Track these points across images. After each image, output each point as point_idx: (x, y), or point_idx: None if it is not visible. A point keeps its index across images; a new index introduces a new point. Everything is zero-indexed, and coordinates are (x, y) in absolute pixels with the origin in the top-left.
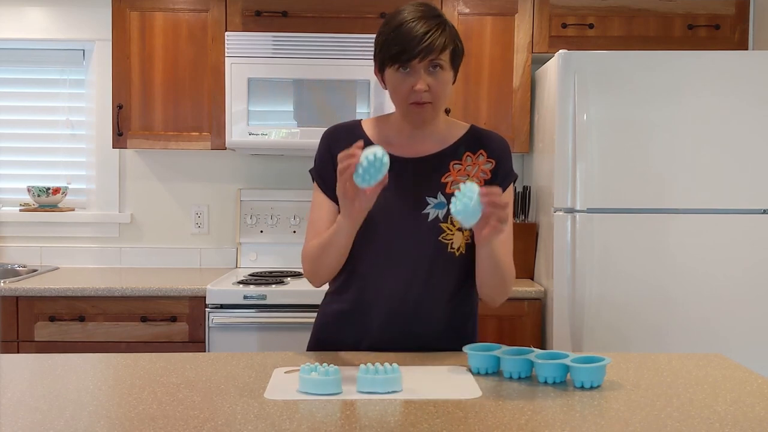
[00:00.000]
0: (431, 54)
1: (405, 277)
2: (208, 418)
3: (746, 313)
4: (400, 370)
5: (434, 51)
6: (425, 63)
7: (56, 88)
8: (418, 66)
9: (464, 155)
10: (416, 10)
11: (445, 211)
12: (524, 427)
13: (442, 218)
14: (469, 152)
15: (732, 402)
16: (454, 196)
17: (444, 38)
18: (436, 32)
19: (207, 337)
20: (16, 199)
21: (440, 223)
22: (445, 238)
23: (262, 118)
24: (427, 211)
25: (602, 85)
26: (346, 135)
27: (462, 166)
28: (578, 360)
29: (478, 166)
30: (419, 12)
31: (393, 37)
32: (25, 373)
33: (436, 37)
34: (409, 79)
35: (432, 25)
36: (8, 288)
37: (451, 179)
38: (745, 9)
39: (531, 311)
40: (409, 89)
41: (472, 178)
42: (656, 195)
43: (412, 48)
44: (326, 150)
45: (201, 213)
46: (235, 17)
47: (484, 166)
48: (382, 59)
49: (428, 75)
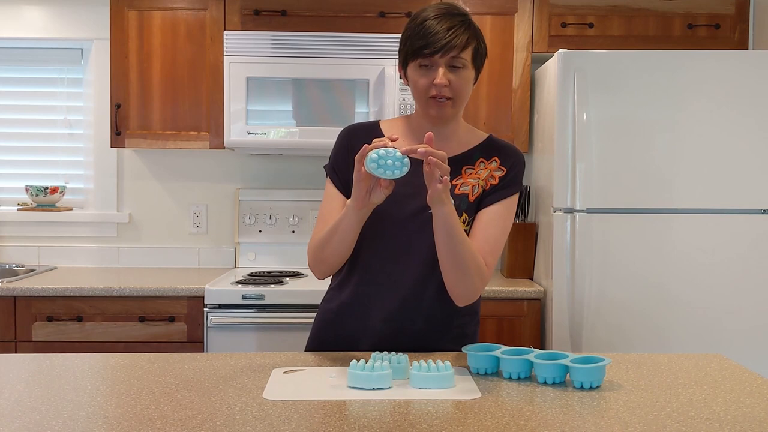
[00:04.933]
0: (453, 50)
1: (408, 273)
2: (207, 418)
3: (746, 313)
4: (452, 368)
5: (456, 47)
6: (447, 59)
7: (54, 87)
8: (439, 61)
9: (478, 161)
10: (442, 8)
11: None
12: (524, 428)
13: None
14: (482, 158)
15: (732, 402)
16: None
17: (467, 36)
18: (459, 29)
19: (205, 337)
20: (14, 199)
21: None
22: None
23: (260, 117)
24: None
25: (602, 84)
26: (364, 134)
27: (474, 170)
28: (578, 360)
29: (489, 171)
30: (444, 10)
31: (416, 32)
32: (23, 373)
33: (459, 33)
34: (430, 73)
35: (455, 23)
36: (6, 288)
37: (461, 181)
38: (745, 9)
39: (530, 311)
40: (430, 83)
41: (482, 181)
42: (656, 195)
43: (435, 42)
44: (343, 147)
45: (199, 213)
46: (234, 16)
47: (495, 172)
48: (405, 54)
49: (449, 71)
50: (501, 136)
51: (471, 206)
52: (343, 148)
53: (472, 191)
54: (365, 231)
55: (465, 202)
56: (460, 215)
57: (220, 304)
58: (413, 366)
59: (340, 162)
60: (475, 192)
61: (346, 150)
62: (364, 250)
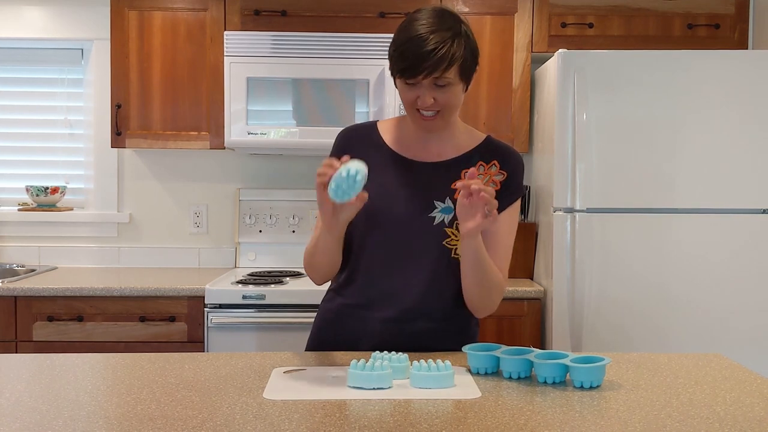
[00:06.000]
0: (436, 71)
1: (408, 276)
2: (207, 418)
3: (746, 313)
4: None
5: (439, 69)
6: (431, 79)
7: (55, 87)
8: (423, 82)
9: (477, 164)
10: (430, 22)
11: (451, 216)
12: (524, 427)
13: (448, 223)
14: (482, 161)
15: (732, 402)
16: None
17: (452, 54)
18: (442, 49)
19: (206, 337)
20: (15, 199)
21: (445, 228)
22: (450, 243)
23: (261, 117)
24: (434, 215)
25: (602, 84)
26: (361, 136)
27: None
28: (578, 360)
29: (489, 176)
30: (433, 25)
31: (402, 51)
32: (24, 373)
33: (443, 54)
34: (415, 90)
35: (441, 41)
36: (6, 288)
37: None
38: (744, 8)
39: (531, 311)
40: (415, 99)
41: None
42: (656, 195)
43: (417, 65)
44: (338, 150)
45: (200, 213)
46: (234, 16)
47: (495, 177)
48: (392, 68)
49: (435, 89)
50: (501, 136)
51: None
52: (340, 150)
53: None
54: (365, 234)
55: None
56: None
57: (221, 304)
58: (413, 366)
59: None
60: None
61: (343, 152)
62: (365, 252)
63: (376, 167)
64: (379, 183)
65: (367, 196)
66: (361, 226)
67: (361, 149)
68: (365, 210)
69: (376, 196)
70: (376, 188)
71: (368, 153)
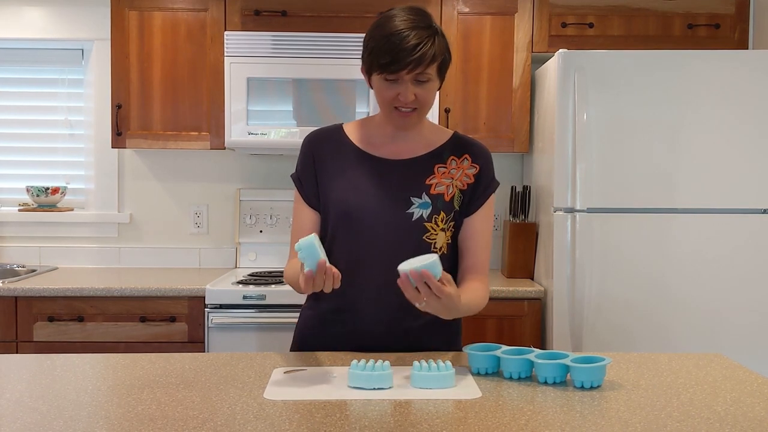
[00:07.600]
0: (420, 67)
1: (391, 275)
2: (208, 418)
3: (746, 313)
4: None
5: (423, 65)
6: (413, 75)
7: (55, 87)
8: (405, 77)
9: (449, 158)
10: (408, 19)
11: (429, 211)
12: (524, 428)
13: (426, 218)
14: (453, 156)
15: (732, 402)
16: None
17: (434, 51)
18: (426, 45)
19: (206, 337)
20: (15, 199)
21: (424, 223)
22: (429, 237)
23: (261, 117)
24: (411, 211)
25: (602, 84)
26: (328, 139)
27: (446, 169)
28: (578, 360)
29: (462, 170)
30: (411, 22)
31: (383, 46)
32: (24, 373)
33: (426, 50)
34: (395, 86)
35: (423, 37)
36: (7, 288)
37: (435, 181)
38: (745, 8)
39: (531, 311)
40: (395, 96)
41: (456, 180)
42: (656, 194)
43: (401, 60)
44: (307, 156)
45: (200, 213)
46: (234, 17)
47: (468, 171)
48: (371, 64)
49: (415, 85)
50: (501, 136)
51: (447, 205)
52: (306, 157)
53: (447, 191)
54: (343, 235)
55: (441, 202)
56: (438, 214)
57: (221, 304)
58: (414, 366)
59: (303, 172)
60: (450, 192)
61: (310, 159)
62: (342, 253)
63: (348, 168)
64: (354, 184)
65: (326, 261)
66: (339, 227)
67: (329, 152)
68: (342, 211)
69: (351, 197)
70: (350, 189)
71: (337, 155)
